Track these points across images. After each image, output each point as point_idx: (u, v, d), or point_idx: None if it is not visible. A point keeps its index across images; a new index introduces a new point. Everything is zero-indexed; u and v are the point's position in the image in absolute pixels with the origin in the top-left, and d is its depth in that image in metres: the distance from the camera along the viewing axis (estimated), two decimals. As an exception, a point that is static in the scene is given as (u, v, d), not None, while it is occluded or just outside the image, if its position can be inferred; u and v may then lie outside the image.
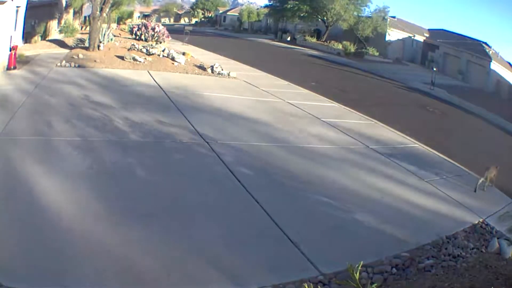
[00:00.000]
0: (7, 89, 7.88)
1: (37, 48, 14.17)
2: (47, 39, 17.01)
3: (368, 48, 31.98)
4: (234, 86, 11.30)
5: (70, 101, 7.39)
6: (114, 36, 17.18)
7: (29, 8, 14.73)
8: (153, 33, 18.18)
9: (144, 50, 14.05)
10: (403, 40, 33.67)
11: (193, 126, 6.74)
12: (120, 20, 32.04)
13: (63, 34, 18.06)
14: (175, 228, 3.72)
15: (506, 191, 6.26)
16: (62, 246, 3.19)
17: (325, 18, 35.03)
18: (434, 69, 20.65)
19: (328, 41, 34.25)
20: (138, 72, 11.39)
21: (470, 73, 26.99)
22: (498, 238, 4.39)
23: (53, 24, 18.79)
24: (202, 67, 13.29)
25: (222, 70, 13.04)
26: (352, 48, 29.78)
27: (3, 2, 10.55)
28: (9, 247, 3.08)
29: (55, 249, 3.15)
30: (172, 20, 66.82)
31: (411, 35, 33.63)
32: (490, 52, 27.08)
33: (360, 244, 3.94)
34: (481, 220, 4.94)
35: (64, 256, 3.08)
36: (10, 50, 10.04)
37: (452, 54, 29.10)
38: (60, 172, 4.46)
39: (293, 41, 36.88)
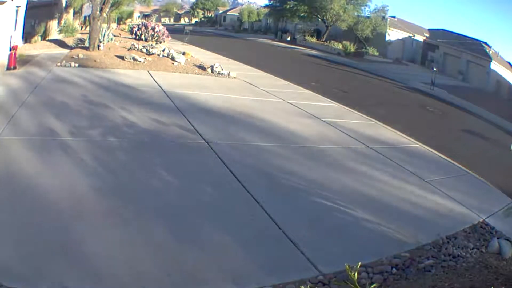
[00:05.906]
0: (7, 89, 7.88)
1: (37, 48, 14.17)
2: (47, 39, 17.02)
3: (368, 48, 32.00)
4: (234, 86, 11.31)
5: (70, 101, 7.39)
6: (114, 36, 17.19)
7: (29, 8, 14.77)
8: (153, 33, 18.18)
9: (144, 50, 14.05)
10: (403, 40, 33.68)
11: (193, 126, 6.74)
12: (120, 20, 32.11)
13: (63, 34, 18.05)
14: (172, 228, 3.72)
15: (506, 191, 6.27)
16: (63, 246, 3.19)
17: (324, 18, 35.04)
18: (434, 69, 20.65)
19: (328, 41, 34.28)
20: (138, 72, 11.40)
21: (470, 73, 27.02)
22: (498, 238, 4.39)
23: (53, 24, 18.80)
24: (202, 67, 13.29)
25: (222, 70, 13.05)
26: (352, 48, 29.83)
27: (3, 2, 10.57)
28: (10, 247, 3.09)
29: (56, 248, 3.15)
30: (172, 20, 66.92)
31: (411, 35, 33.64)
32: (490, 52, 27.08)
33: (360, 244, 3.94)
34: (481, 220, 4.94)
35: (65, 256, 3.08)
36: (10, 50, 10.03)
37: (452, 54, 29.12)
38: (57, 171, 4.46)
39: (293, 41, 36.92)
